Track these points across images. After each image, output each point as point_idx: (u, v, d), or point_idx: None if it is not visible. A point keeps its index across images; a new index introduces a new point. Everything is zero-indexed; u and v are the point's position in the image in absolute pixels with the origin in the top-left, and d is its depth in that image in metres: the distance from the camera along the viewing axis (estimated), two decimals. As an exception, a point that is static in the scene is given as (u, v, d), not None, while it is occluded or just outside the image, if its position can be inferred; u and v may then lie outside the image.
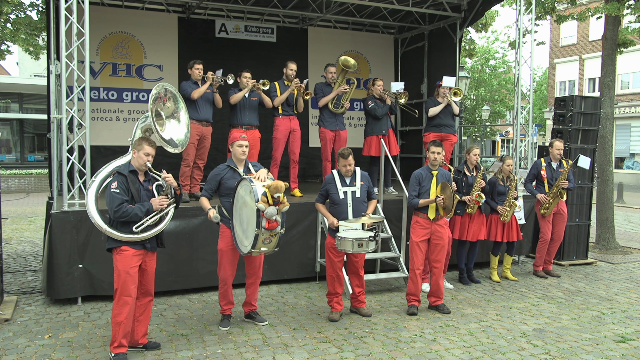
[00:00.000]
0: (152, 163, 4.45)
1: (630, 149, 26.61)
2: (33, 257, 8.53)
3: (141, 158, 4.38)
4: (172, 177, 4.49)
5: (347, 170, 5.41)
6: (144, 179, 4.49)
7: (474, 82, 27.98)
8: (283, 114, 7.61)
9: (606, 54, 9.69)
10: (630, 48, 11.03)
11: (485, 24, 13.42)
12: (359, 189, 5.43)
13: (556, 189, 7.29)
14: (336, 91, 7.83)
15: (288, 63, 7.68)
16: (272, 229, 4.51)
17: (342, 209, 5.39)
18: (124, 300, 4.28)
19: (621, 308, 6.13)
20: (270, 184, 4.55)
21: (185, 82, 7.11)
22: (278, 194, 4.52)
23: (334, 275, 5.48)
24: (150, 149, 4.41)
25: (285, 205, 4.58)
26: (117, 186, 4.27)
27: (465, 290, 6.77)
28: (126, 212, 4.24)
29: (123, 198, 4.26)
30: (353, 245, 5.10)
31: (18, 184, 19.60)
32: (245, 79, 7.24)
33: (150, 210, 4.36)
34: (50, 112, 6.32)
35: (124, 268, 4.29)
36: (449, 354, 4.67)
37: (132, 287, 4.30)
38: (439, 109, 7.98)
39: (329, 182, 5.48)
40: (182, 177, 7.08)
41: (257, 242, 4.54)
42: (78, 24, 5.84)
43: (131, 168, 4.43)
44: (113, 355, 4.32)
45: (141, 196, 4.40)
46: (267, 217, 4.45)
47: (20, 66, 32.04)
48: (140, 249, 4.38)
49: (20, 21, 10.70)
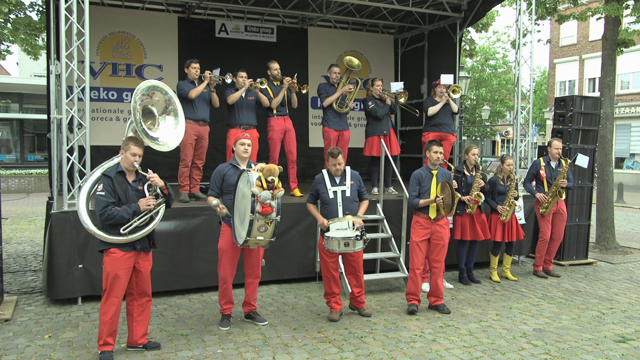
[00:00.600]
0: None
1: (630, 149, 26.61)
2: (33, 257, 8.53)
3: (128, 158, 4.37)
4: (157, 177, 4.43)
5: (336, 169, 5.41)
6: (134, 179, 4.46)
7: (474, 82, 27.98)
8: (277, 114, 7.61)
9: (606, 54, 9.69)
10: (631, 48, 11.04)
11: (485, 24, 13.43)
12: (349, 188, 5.42)
13: (555, 188, 7.30)
14: (340, 91, 7.82)
15: (269, 64, 7.67)
16: (266, 213, 4.48)
17: (332, 208, 5.39)
18: (111, 301, 4.32)
19: (621, 308, 6.13)
20: (263, 166, 4.57)
21: (181, 81, 7.09)
22: (272, 177, 4.53)
23: (329, 276, 5.49)
24: (137, 148, 4.39)
25: (280, 190, 4.59)
26: (102, 189, 4.27)
27: (465, 290, 6.77)
28: (112, 215, 4.22)
29: (109, 201, 4.25)
30: (339, 245, 5.12)
31: (18, 184, 19.60)
32: (241, 78, 7.23)
33: (137, 211, 4.32)
34: (50, 112, 6.32)
35: (112, 270, 4.30)
36: (449, 354, 4.67)
37: (119, 289, 4.33)
38: (438, 107, 7.98)
39: (319, 182, 5.47)
40: (181, 178, 7.07)
41: (252, 229, 4.51)
42: (78, 24, 5.84)
43: (119, 169, 4.42)
44: (99, 352, 4.39)
45: (129, 197, 4.36)
46: (261, 201, 4.45)
47: (20, 66, 32.05)
48: (130, 251, 4.37)
49: (20, 21, 10.70)
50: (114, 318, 4.35)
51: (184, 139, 6.97)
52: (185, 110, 6.97)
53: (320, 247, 5.49)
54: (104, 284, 4.35)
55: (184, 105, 6.98)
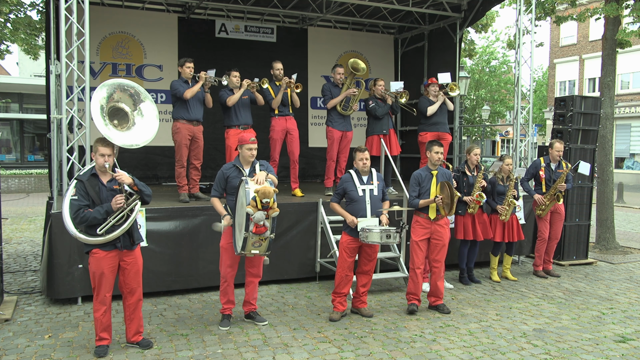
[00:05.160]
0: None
1: (630, 149, 26.61)
2: (33, 257, 8.53)
3: (98, 160, 4.43)
4: (124, 175, 4.44)
5: (364, 164, 5.46)
6: (109, 180, 4.49)
7: (474, 82, 27.97)
8: (279, 114, 7.60)
9: (606, 54, 9.69)
10: (631, 48, 11.03)
11: (485, 25, 13.42)
12: (376, 187, 5.53)
13: (554, 191, 7.29)
14: (345, 93, 7.79)
15: (273, 63, 7.67)
16: (260, 233, 4.59)
17: (360, 206, 5.43)
18: (101, 299, 4.46)
19: (621, 308, 6.13)
20: (259, 188, 4.58)
21: (175, 80, 7.04)
22: (266, 199, 4.55)
23: (343, 275, 5.50)
24: (105, 149, 4.42)
25: (275, 211, 4.64)
26: (75, 193, 4.36)
27: (465, 290, 6.77)
28: (85, 217, 4.31)
29: (81, 204, 4.34)
30: (381, 237, 5.21)
31: (18, 184, 19.60)
32: (235, 78, 7.22)
33: (109, 210, 4.38)
34: (50, 112, 6.32)
35: (97, 269, 4.43)
36: (449, 354, 4.67)
37: (107, 287, 4.46)
38: (436, 107, 7.97)
39: (346, 181, 5.53)
40: (179, 178, 7.07)
41: (246, 245, 4.66)
42: (78, 24, 5.84)
43: (93, 172, 4.48)
44: (95, 347, 4.55)
45: (103, 198, 4.42)
46: (254, 222, 4.51)
47: (20, 66, 32.04)
48: (111, 250, 4.45)
49: (20, 21, 10.70)
50: (105, 314, 4.50)
51: (179, 140, 6.98)
52: (179, 110, 6.99)
53: (341, 245, 5.51)
54: (92, 283, 4.50)
55: (177, 105, 7.00)
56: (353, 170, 5.57)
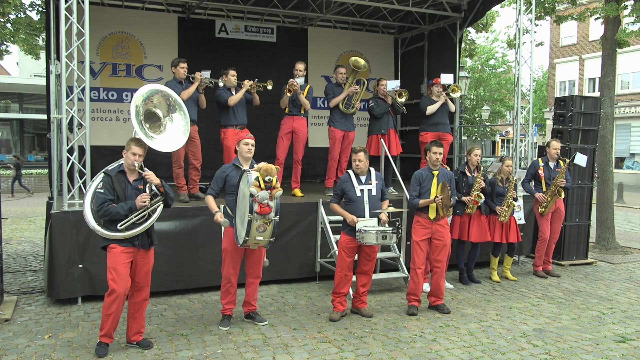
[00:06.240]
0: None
1: (630, 149, 26.61)
2: (33, 257, 8.53)
3: (128, 158, 4.50)
4: (152, 175, 4.51)
5: (356, 165, 5.45)
6: (135, 179, 4.57)
7: (474, 82, 27.97)
8: (288, 113, 7.61)
9: (606, 54, 9.69)
10: (631, 48, 11.04)
11: (485, 24, 13.42)
12: (374, 187, 5.52)
13: (554, 188, 7.30)
14: (347, 91, 7.79)
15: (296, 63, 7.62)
16: (264, 213, 4.54)
17: (359, 206, 5.43)
18: (114, 296, 4.43)
19: (621, 308, 6.13)
20: (260, 166, 4.58)
21: (169, 81, 6.99)
22: (269, 177, 4.56)
23: (342, 275, 5.49)
24: (138, 148, 4.50)
25: (278, 190, 4.62)
26: (102, 186, 4.45)
27: (465, 290, 6.77)
28: (108, 211, 4.38)
29: (106, 197, 4.41)
30: (377, 238, 5.20)
31: (18, 183, 19.58)
32: (232, 77, 7.22)
33: (133, 208, 4.44)
34: (50, 112, 6.32)
35: (112, 265, 4.44)
36: (449, 354, 4.67)
37: (120, 283, 4.42)
38: (436, 107, 7.98)
39: (345, 181, 5.53)
40: (177, 179, 7.06)
41: (251, 229, 4.57)
42: (78, 24, 5.84)
43: (121, 168, 4.57)
44: (98, 342, 4.56)
45: (128, 195, 4.50)
46: (258, 201, 4.49)
47: (20, 66, 32.06)
48: (129, 247, 4.48)
49: (20, 21, 10.71)
50: (116, 312, 4.47)
51: None
52: None
53: (340, 244, 5.51)
54: (108, 278, 4.47)
55: None
56: (352, 170, 5.58)
